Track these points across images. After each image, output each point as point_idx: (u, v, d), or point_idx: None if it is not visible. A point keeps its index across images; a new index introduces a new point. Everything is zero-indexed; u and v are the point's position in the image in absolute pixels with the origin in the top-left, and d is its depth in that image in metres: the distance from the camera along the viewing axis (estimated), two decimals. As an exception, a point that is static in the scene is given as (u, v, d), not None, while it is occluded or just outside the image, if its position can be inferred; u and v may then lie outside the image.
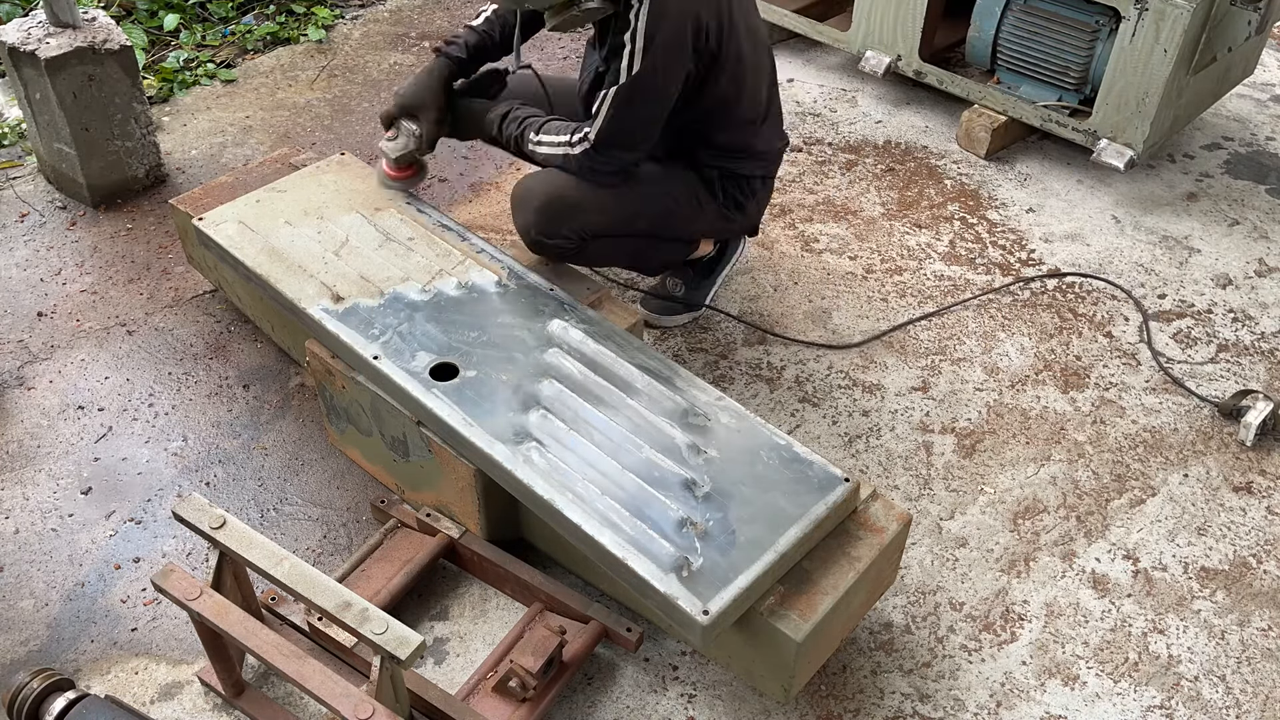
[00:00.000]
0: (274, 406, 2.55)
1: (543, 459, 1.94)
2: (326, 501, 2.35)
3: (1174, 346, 2.86)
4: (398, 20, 4.12)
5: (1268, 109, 3.86)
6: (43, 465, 2.39)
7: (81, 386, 2.57)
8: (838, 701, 2.04)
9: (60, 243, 2.99)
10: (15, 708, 1.79)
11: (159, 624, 2.10)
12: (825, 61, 3.98)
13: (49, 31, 2.89)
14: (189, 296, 2.83)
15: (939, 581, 2.26)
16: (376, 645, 1.65)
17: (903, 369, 2.74)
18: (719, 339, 2.79)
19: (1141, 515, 2.42)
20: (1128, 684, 2.10)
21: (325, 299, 2.23)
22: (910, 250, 3.12)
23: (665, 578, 1.77)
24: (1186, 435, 2.61)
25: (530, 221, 2.37)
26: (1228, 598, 2.26)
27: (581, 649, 1.98)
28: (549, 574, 2.12)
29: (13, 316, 2.75)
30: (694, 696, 2.03)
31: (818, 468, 1.96)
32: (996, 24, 3.40)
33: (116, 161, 3.08)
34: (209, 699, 1.98)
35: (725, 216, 2.60)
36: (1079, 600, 2.24)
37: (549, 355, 2.14)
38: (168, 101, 3.58)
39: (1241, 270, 3.12)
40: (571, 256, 2.45)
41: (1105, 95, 3.19)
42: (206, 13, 4.00)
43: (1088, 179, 3.44)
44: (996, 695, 2.07)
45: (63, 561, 2.21)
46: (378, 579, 2.09)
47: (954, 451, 2.54)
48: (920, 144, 3.57)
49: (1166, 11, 2.97)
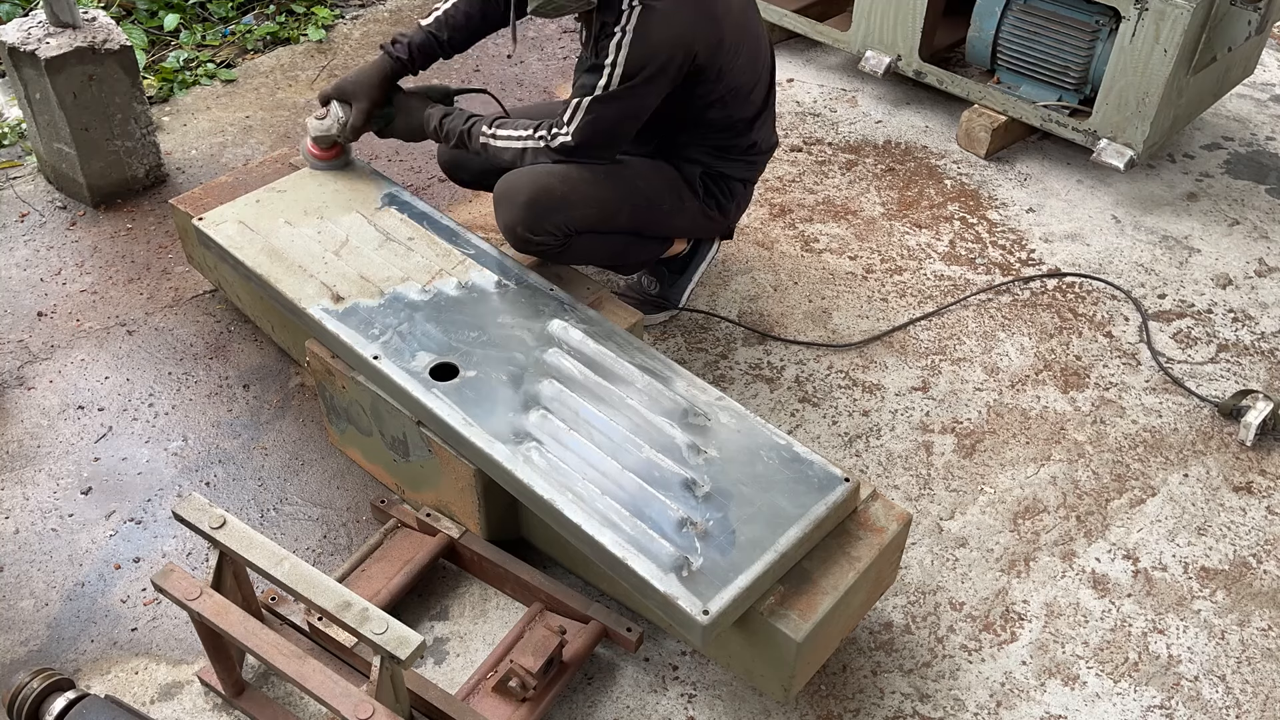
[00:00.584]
0: (274, 406, 2.55)
1: (543, 459, 1.94)
2: (326, 501, 2.35)
3: (1174, 346, 2.86)
4: (398, 20, 4.12)
5: (1268, 109, 3.86)
6: (43, 465, 2.39)
7: (81, 386, 2.57)
8: (838, 701, 2.04)
9: (60, 243, 2.99)
10: (15, 708, 1.79)
11: (159, 624, 2.10)
12: (825, 61, 3.98)
13: (49, 31, 2.89)
14: (189, 296, 2.83)
15: (939, 581, 2.26)
16: (376, 645, 1.65)
17: (903, 369, 2.74)
18: (719, 339, 2.79)
19: (1141, 515, 2.42)
20: (1128, 684, 2.10)
21: (325, 299, 2.23)
22: (910, 250, 3.12)
23: (665, 578, 1.77)
24: (1186, 435, 2.61)
25: (516, 218, 2.34)
26: (1228, 598, 2.26)
27: (581, 649, 1.98)
28: (549, 574, 2.12)
29: (13, 316, 2.76)
30: (694, 696, 2.03)
31: (818, 468, 1.96)
32: (996, 24, 3.40)
33: (116, 161, 3.08)
34: (209, 699, 1.98)
35: (706, 215, 2.59)
36: (1079, 600, 2.24)
37: (549, 355, 2.14)
38: (168, 101, 3.58)
39: (1241, 270, 3.12)
40: (555, 254, 2.42)
41: (1105, 95, 3.19)
42: (206, 13, 4.00)
43: (1088, 179, 3.44)
44: (996, 695, 2.07)
45: (63, 561, 2.21)
46: (378, 579, 2.09)
47: (954, 451, 2.54)
48: (920, 144, 3.57)
49: (1166, 11, 2.97)
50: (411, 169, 3.33)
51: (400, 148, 3.40)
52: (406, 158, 3.38)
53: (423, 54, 2.51)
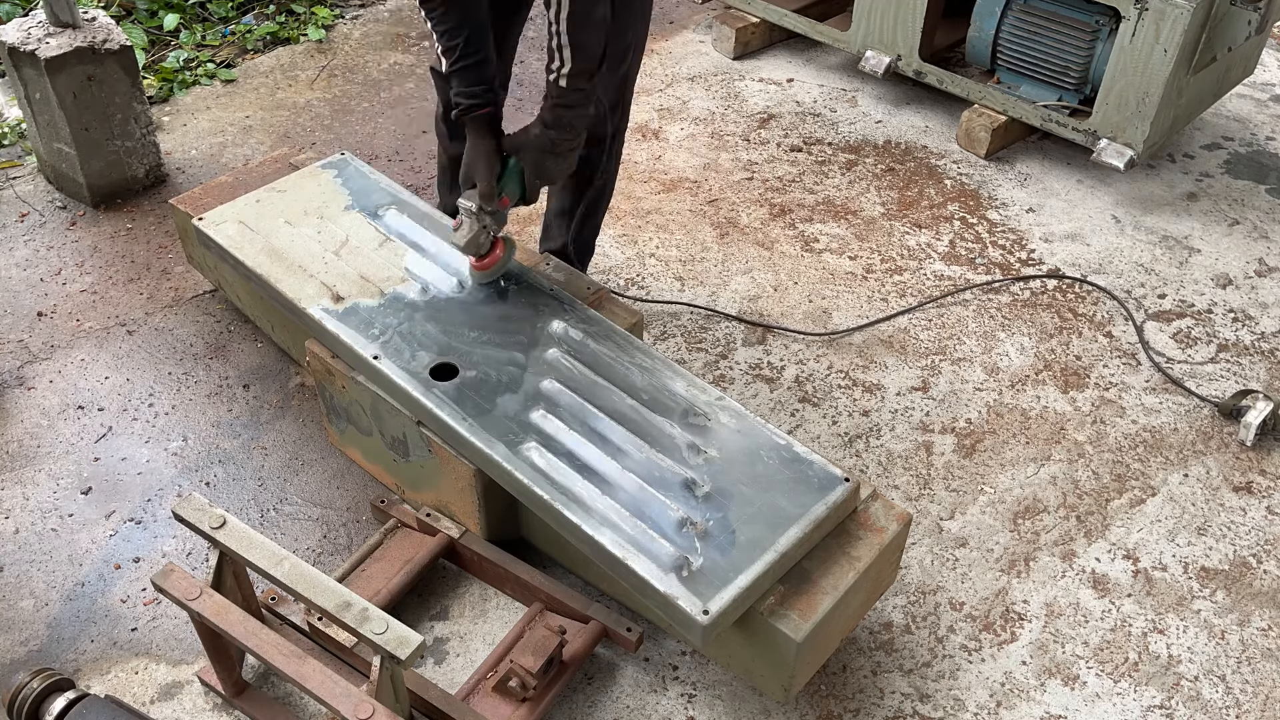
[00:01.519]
0: (274, 406, 2.55)
1: (543, 459, 1.94)
2: (326, 501, 2.35)
3: (1174, 346, 2.86)
4: (398, 20, 4.12)
5: (1268, 109, 3.86)
6: (43, 465, 2.39)
7: (81, 386, 2.57)
8: (838, 701, 2.04)
9: (60, 243, 2.99)
10: (15, 707, 1.79)
11: (159, 624, 2.10)
12: (825, 61, 3.98)
13: (49, 31, 2.89)
14: (189, 296, 2.83)
15: (939, 581, 2.26)
16: (376, 645, 1.65)
17: (903, 369, 2.74)
18: (719, 339, 2.79)
19: (1141, 515, 2.42)
20: (1128, 684, 2.10)
21: (325, 299, 2.23)
22: (910, 250, 3.12)
23: (665, 578, 1.77)
24: (1186, 435, 2.61)
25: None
26: (1228, 598, 2.26)
27: (581, 649, 1.98)
28: (549, 574, 2.12)
29: (13, 316, 2.75)
30: (694, 696, 2.03)
31: (818, 467, 1.96)
32: (996, 24, 3.40)
33: (116, 161, 3.08)
34: (209, 699, 1.98)
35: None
36: (1079, 600, 2.24)
37: (549, 355, 2.14)
38: (168, 101, 3.58)
39: (1241, 270, 3.12)
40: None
41: (1105, 95, 3.19)
42: (206, 13, 4.00)
43: (1088, 179, 3.44)
44: (996, 695, 2.07)
45: (63, 561, 2.21)
46: (378, 579, 2.09)
47: (954, 451, 2.54)
48: (920, 144, 3.57)
49: (1166, 11, 2.97)
50: (411, 169, 3.33)
51: (400, 148, 3.40)
52: (407, 158, 3.38)
53: (481, 82, 2.17)
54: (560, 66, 2.04)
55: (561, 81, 2.06)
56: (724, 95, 3.78)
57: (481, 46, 2.16)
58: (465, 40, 2.12)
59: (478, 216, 2.17)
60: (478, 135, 2.17)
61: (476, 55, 2.14)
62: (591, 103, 2.16)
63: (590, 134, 2.28)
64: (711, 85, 3.83)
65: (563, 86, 2.06)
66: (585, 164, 2.43)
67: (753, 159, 3.46)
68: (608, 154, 2.52)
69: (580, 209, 2.62)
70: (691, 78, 3.87)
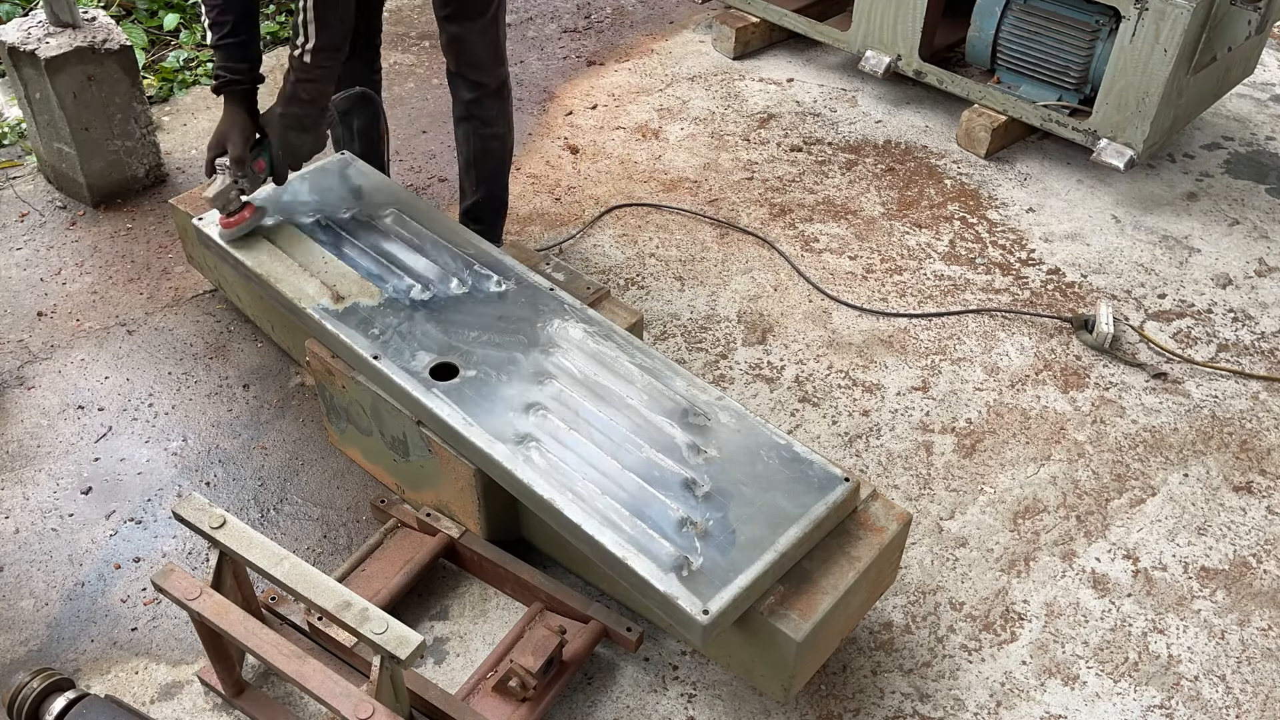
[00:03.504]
0: (274, 406, 2.55)
1: (543, 459, 1.94)
2: (326, 501, 2.35)
3: (1174, 346, 2.85)
4: (398, 20, 4.12)
5: (1268, 109, 3.86)
6: (43, 465, 2.39)
7: (81, 386, 2.57)
8: (838, 701, 2.04)
9: (60, 242, 2.99)
10: (15, 707, 1.79)
11: (159, 624, 2.10)
12: (825, 61, 3.98)
13: (49, 31, 2.89)
14: (189, 296, 2.83)
15: (939, 581, 2.26)
16: (376, 645, 1.65)
17: (903, 369, 2.74)
18: (719, 339, 2.79)
19: (1141, 515, 2.42)
20: (1128, 684, 2.10)
21: (325, 299, 2.23)
22: (910, 250, 3.12)
23: (665, 577, 1.77)
24: (1186, 435, 2.61)
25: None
26: (1228, 597, 2.26)
27: (581, 649, 1.98)
28: (549, 574, 2.12)
29: (13, 316, 2.76)
30: (694, 696, 2.03)
31: (818, 467, 1.96)
32: (996, 24, 3.40)
33: (116, 161, 3.08)
34: (209, 699, 1.98)
35: None
36: (1079, 600, 2.24)
37: (549, 355, 2.14)
38: (168, 101, 3.58)
39: (1241, 270, 3.12)
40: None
41: (1105, 95, 3.19)
42: (206, 13, 4.00)
43: (1088, 179, 3.44)
44: (996, 695, 2.07)
45: (63, 561, 2.21)
46: (378, 579, 2.09)
47: (954, 451, 2.54)
48: (920, 144, 3.57)
49: (1166, 11, 2.97)
50: (411, 169, 3.33)
51: (400, 148, 3.40)
52: (407, 158, 3.38)
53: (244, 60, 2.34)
54: (305, 42, 2.22)
55: (306, 58, 2.23)
56: (724, 95, 3.78)
57: (246, 30, 2.34)
58: (233, 23, 2.31)
59: (230, 175, 2.33)
60: (235, 106, 2.36)
61: (241, 36, 2.33)
62: (335, 79, 2.32)
63: (477, 84, 2.58)
64: (711, 85, 3.83)
65: (306, 62, 2.24)
66: (477, 111, 2.64)
67: (753, 159, 3.46)
68: (499, 102, 2.65)
69: (487, 163, 2.72)
70: (691, 77, 3.87)
